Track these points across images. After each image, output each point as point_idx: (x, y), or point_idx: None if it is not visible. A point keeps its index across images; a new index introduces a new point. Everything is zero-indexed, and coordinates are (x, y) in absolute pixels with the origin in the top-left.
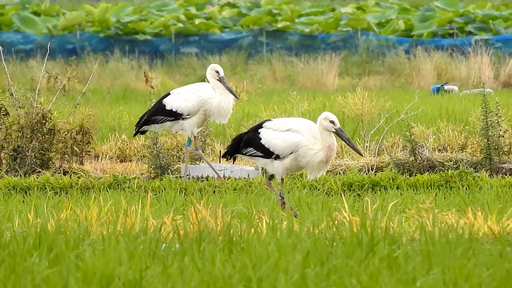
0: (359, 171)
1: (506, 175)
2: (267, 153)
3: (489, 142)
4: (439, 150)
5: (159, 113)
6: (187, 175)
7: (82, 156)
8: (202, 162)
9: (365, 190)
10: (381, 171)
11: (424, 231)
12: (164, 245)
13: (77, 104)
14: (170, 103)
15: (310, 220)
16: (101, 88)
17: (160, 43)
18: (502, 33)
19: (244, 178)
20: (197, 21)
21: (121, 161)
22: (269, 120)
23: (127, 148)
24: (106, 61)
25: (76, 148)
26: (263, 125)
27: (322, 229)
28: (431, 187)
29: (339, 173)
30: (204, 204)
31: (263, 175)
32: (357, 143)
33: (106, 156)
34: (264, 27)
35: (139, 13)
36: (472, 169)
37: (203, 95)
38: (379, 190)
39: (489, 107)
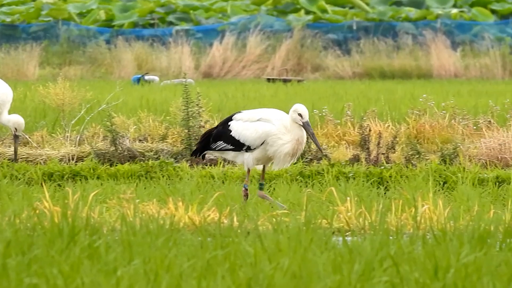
0: (60, 161)
1: (206, 165)
2: (238, 145)
3: (190, 133)
4: (140, 140)
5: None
6: None
7: None
8: None
9: (65, 180)
10: (82, 161)
11: (125, 221)
12: None
13: None
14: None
15: (11, 209)
16: None
17: None
18: (203, 24)
19: None
20: None
21: None
22: (239, 112)
23: None
24: None
25: None
26: (233, 117)
27: (23, 219)
28: (131, 177)
29: (40, 163)
30: None
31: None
32: (58, 133)
33: None
34: None
35: None
36: (172, 160)
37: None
38: (80, 180)
39: (190, 97)
